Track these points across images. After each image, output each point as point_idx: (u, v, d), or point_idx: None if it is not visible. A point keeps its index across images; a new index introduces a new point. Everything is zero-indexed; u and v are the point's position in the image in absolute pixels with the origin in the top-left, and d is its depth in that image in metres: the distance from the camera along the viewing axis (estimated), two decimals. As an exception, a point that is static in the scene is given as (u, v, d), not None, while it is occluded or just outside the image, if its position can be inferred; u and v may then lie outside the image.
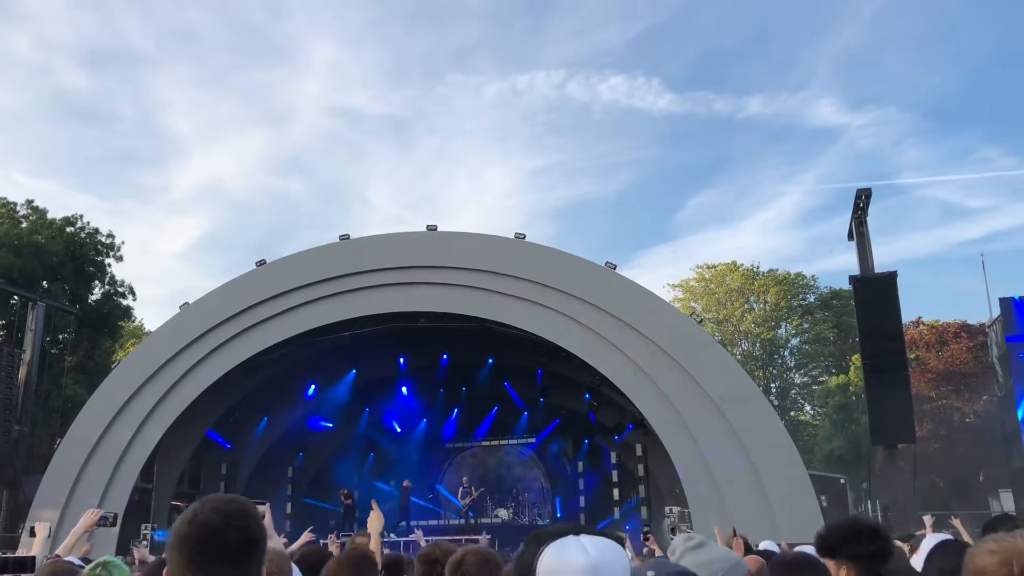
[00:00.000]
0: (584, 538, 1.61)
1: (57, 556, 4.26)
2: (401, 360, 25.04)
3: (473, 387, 25.91)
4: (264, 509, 4.62)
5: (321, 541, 10.27)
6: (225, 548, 1.83)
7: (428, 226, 20.54)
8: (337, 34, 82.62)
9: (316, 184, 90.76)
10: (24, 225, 35.05)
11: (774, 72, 78.99)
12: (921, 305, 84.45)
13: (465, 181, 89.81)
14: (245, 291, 21.02)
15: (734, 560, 2.55)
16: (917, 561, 4.23)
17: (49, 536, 4.72)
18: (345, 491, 24.51)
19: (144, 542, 15.75)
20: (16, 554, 3.95)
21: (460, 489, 25.32)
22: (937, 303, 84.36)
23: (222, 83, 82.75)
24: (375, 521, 5.80)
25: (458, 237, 20.69)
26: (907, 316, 35.45)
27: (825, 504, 19.20)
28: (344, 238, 21.03)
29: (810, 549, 5.09)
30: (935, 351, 40.49)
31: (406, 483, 25.39)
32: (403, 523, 23.41)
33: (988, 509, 26.65)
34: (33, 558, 3.54)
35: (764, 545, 5.77)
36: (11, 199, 36.59)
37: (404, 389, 26.74)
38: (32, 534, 4.68)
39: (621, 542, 1.74)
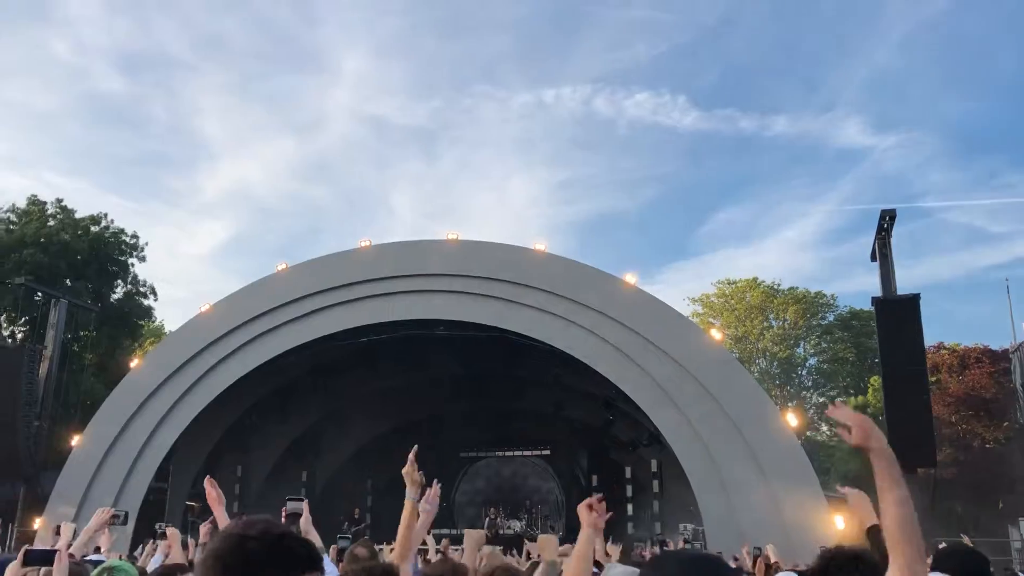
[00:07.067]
0: None
1: (71, 555, 4.28)
2: (418, 368, 25.01)
3: (490, 397, 25.85)
4: (302, 505, 4.65)
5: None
6: (242, 567, 1.78)
7: (448, 235, 20.56)
8: (367, 44, 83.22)
9: (341, 191, 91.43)
10: (51, 223, 35.46)
11: (801, 92, 78.76)
12: (943, 331, 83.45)
13: (487, 192, 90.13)
14: (264, 295, 21.10)
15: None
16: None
17: (73, 537, 4.77)
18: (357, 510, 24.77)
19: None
20: (39, 547, 4.04)
21: (487, 520, 25.81)
22: (959, 329, 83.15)
23: (253, 89, 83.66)
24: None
25: (478, 246, 20.68)
26: (928, 342, 34.95)
27: (841, 525, 18.95)
28: (365, 245, 21.10)
29: None
30: (956, 375, 39.85)
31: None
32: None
33: (1007, 537, 26.23)
34: (56, 551, 3.63)
35: None
36: (42, 198, 37.11)
37: (420, 397, 26.73)
38: (58, 533, 4.75)
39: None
